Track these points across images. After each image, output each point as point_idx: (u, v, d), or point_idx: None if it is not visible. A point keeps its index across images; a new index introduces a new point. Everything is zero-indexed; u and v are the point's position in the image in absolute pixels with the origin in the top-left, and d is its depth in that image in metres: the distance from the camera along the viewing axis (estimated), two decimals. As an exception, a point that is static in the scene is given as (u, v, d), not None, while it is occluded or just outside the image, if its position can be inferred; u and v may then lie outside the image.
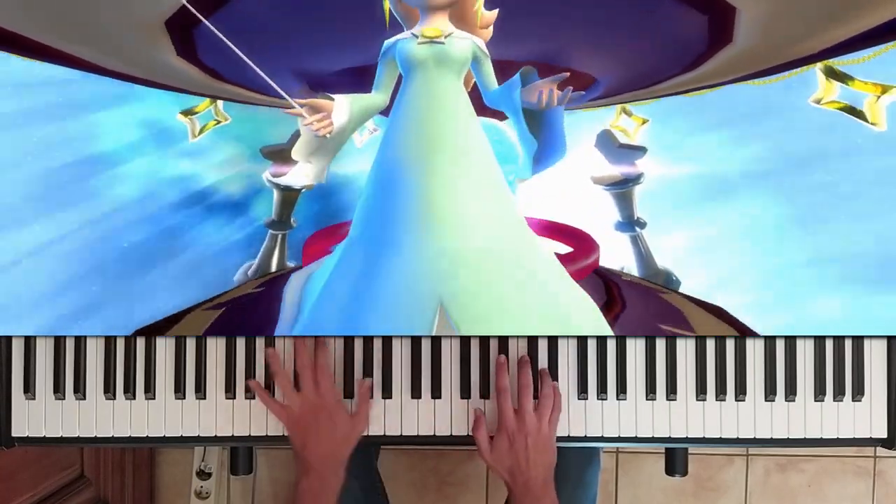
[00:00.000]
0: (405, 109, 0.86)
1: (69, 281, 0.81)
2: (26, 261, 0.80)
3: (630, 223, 0.90)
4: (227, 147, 0.81)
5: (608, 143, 0.89)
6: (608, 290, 0.89)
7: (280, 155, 0.82)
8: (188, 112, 0.79)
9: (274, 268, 0.85)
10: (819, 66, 0.86)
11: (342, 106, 0.84)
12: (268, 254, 0.84)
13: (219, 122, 0.81)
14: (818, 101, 0.86)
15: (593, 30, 0.87)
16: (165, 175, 0.81)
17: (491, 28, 0.86)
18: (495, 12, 0.85)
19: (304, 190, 0.84)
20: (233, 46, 0.72)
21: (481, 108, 0.88)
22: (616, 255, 0.90)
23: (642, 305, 0.88)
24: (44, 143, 0.78)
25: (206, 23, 0.71)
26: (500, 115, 0.89)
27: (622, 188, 0.89)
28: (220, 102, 0.81)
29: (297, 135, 0.84)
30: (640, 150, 0.89)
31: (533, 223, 0.89)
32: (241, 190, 0.82)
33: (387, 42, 0.87)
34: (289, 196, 0.83)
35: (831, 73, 0.86)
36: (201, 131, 0.80)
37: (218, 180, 0.81)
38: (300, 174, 0.83)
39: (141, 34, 0.75)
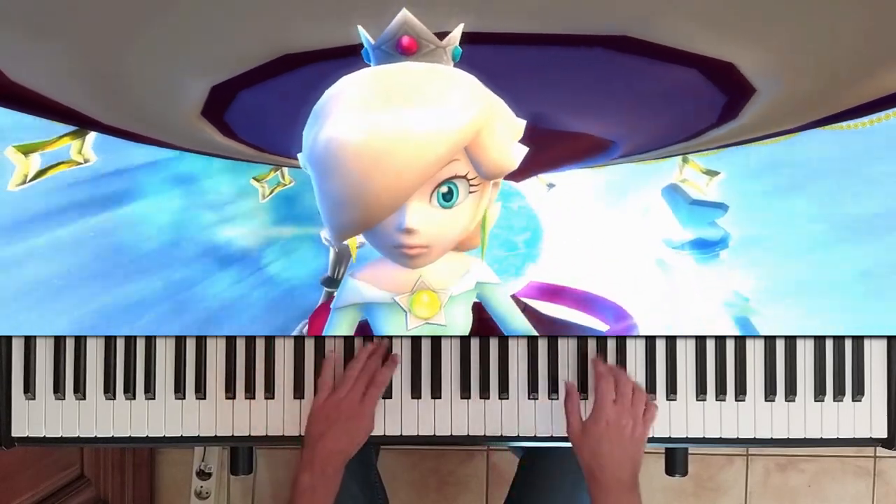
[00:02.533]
0: None
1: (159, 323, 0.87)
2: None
3: (725, 296, 0.82)
4: (289, 208, 0.85)
5: (678, 200, 0.82)
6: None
7: None
8: (259, 178, 0.85)
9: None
10: None
11: None
12: None
13: (285, 184, 0.85)
14: None
15: (599, 95, 0.82)
16: (237, 233, 0.86)
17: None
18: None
19: (357, 247, 0.85)
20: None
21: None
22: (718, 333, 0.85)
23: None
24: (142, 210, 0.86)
25: None
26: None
27: (707, 252, 0.82)
28: (285, 168, 0.85)
29: None
30: (720, 207, 0.82)
31: (557, 292, 0.85)
32: (300, 248, 0.85)
33: (349, 287, 0.78)
34: (343, 253, 0.85)
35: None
36: (270, 193, 0.85)
37: (279, 239, 0.85)
38: None
39: (191, 123, 0.82)
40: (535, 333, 0.84)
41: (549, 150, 0.81)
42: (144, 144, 0.84)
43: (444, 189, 0.62)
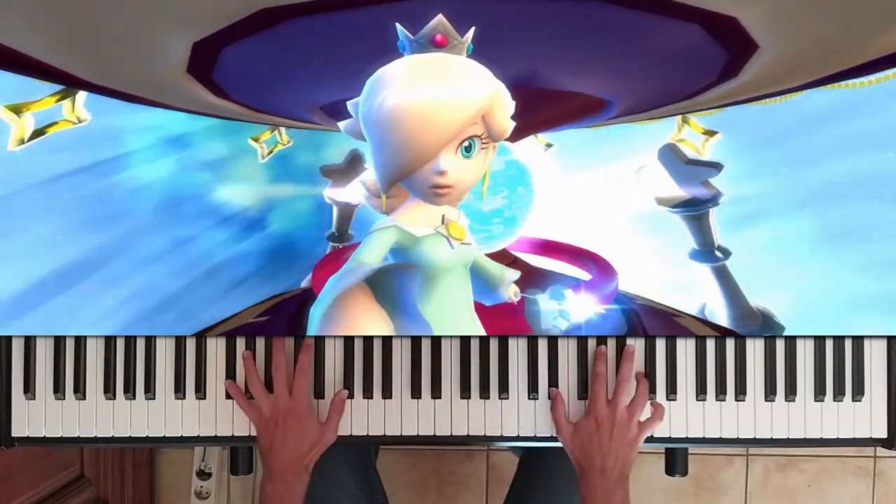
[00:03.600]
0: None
1: (161, 282, 0.87)
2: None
3: (710, 251, 0.82)
4: (289, 167, 0.87)
5: (673, 160, 0.82)
6: (628, 322, 0.85)
7: (337, 173, 0.87)
8: (256, 138, 0.86)
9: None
10: None
11: None
12: None
13: (283, 144, 0.87)
14: None
15: (594, 52, 0.82)
16: (239, 194, 0.87)
17: None
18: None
19: (359, 205, 0.88)
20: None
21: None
22: (695, 290, 0.84)
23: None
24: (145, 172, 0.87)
25: None
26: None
27: (695, 210, 0.82)
28: (282, 128, 0.86)
29: (351, 155, 0.87)
30: (715, 166, 0.82)
31: (546, 245, 0.86)
32: (304, 206, 0.87)
33: (389, 218, 0.81)
34: (346, 211, 0.88)
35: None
36: (269, 153, 0.86)
37: (284, 198, 0.87)
38: (355, 191, 0.87)
39: (179, 81, 0.83)
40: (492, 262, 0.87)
41: (542, 109, 0.84)
42: (137, 104, 0.84)
43: (466, 144, 0.79)
